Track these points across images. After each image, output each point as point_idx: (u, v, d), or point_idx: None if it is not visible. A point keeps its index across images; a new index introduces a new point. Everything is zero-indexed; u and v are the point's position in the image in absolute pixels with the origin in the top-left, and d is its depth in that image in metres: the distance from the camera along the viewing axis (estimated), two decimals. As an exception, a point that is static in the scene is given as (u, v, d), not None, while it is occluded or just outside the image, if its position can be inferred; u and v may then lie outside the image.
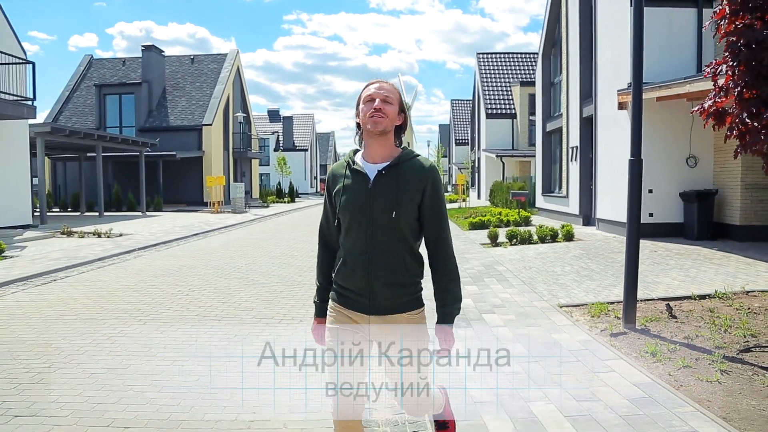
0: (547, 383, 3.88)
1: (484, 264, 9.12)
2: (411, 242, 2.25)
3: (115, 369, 4.46)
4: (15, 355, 4.85)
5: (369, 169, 2.27)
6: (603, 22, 13.60)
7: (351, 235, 2.26)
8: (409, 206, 2.20)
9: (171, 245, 13.42)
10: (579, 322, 5.49)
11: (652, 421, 3.23)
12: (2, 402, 3.78)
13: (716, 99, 4.19)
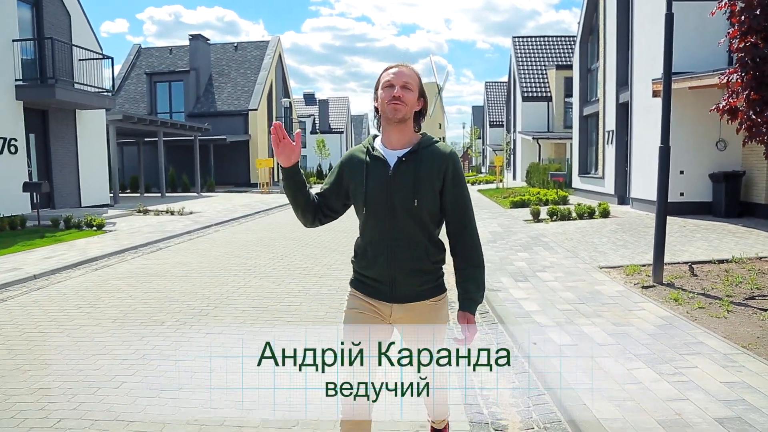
0: (593, 315, 5.15)
1: (530, 236, 10.35)
2: (432, 229, 2.23)
3: (257, 308, 5.88)
4: (177, 299, 6.32)
5: (389, 155, 2.24)
6: (639, 14, 14.50)
7: (371, 222, 2.23)
8: (431, 194, 2.18)
9: (241, 221, 14.95)
10: (616, 279, 6.71)
11: (671, 337, 4.48)
12: (199, 320, 5.23)
13: (729, 99, 5.33)
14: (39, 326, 5.40)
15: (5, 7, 13.80)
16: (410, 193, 2.14)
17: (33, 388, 3.86)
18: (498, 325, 5.12)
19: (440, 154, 2.21)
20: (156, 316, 5.66)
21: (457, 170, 2.22)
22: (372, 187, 2.19)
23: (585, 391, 3.45)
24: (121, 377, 3.99)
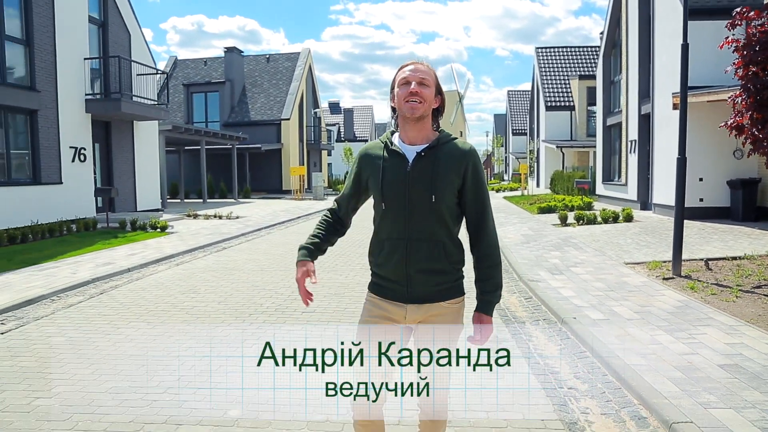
0: (620, 299, 6.16)
1: (560, 238, 11.34)
2: (451, 227, 2.19)
3: (337, 295, 6.98)
4: (264, 287, 7.46)
5: (407, 150, 2.20)
6: (659, 31, 15.44)
7: (388, 218, 2.20)
8: (449, 190, 2.15)
9: (287, 225, 16.13)
10: (640, 272, 7.70)
11: (686, 314, 5.47)
12: (293, 301, 6.34)
13: (736, 118, 6.30)
14: (158, 306, 6.55)
15: (79, 29, 15.16)
16: (428, 188, 2.12)
17: (204, 335, 5.00)
18: (541, 306, 6.16)
19: (460, 151, 2.18)
20: (254, 300, 6.78)
21: (477, 168, 2.19)
22: (389, 182, 2.17)
23: (617, 349, 4.48)
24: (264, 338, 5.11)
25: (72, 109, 14.91)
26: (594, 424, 3.37)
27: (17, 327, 5.77)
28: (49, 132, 14.12)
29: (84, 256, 9.98)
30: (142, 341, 5.25)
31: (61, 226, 12.78)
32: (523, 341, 4.97)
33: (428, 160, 2.16)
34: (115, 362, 4.58)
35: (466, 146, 2.21)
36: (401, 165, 2.17)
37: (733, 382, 3.78)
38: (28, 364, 4.60)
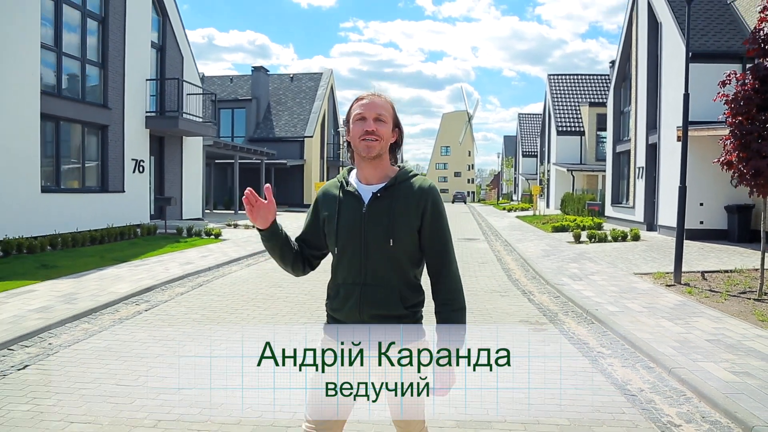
0: (631, 299, 7.66)
1: (576, 253, 12.85)
2: (408, 271, 2.10)
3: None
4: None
5: (363, 191, 2.12)
6: (666, 69, 17.05)
7: (343, 263, 2.12)
8: (408, 233, 2.06)
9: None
10: (646, 280, 9.20)
11: (683, 309, 6.98)
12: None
13: (726, 155, 7.83)
14: (257, 295, 8.08)
15: (143, 52, 16.88)
16: (385, 231, 2.04)
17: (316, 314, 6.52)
18: (568, 302, 7.68)
19: (418, 190, 2.10)
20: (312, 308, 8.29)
21: (436, 206, 2.10)
22: (344, 225, 2.09)
23: (630, 329, 5.98)
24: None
25: (135, 125, 16.58)
26: (617, 371, 4.88)
27: (150, 308, 7.30)
28: (116, 145, 15.77)
29: (163, 257, 11.52)
30: (261, 317, 6.77)
31: (130, 230, 14.36)
32: (558, 324, 6.49)
33: (385, 200, 2.08)
34: (254, 329, 6.11)
35: (426, 183, 2.13)
36: (356, 207, 2.09)
37: (715, 349, 5.28)
38: (187, 330, 6.14)
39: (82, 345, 5.51)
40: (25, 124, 12.26)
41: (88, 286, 8.18)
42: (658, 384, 4.54)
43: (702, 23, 16.28)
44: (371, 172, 2.12)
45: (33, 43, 12.47)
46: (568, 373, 4.76)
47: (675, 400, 4.21)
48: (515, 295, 8.29)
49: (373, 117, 2.07)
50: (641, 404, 4.11)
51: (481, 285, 9.12)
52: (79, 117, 14.35)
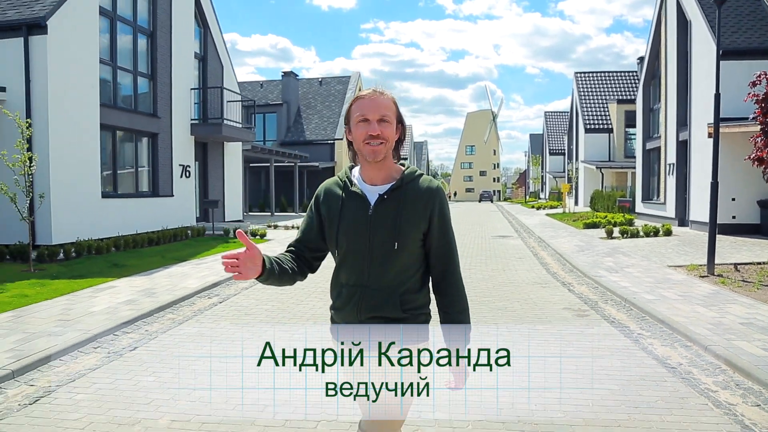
0: (666, 288, 8.15)
1: (609, 248, 13.29)
2: (412, 274, 2.07)
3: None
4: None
5: (368, 191, 2.05)
6: (696, 67, 17.33)
7: (346, 265, 2.09)
8: (414, 235, 2.02)
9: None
10: (680, 272, 9.65)
11: (717, 297, 7.45)
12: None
13: (757, 152, 8.27)
14: (317, 289, 8.75)
15: (188, 63, 17.76)
16: (391, 234, 1.99)
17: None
18: (607, 292, 8.20)
19: (426, 191, 2.05)
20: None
21: (443, 209, 2.07)
22: (349, 227, 2.04)
23: (667, 314, 6.49)
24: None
25: (181, 132, 17.45)
26: (657, 349, 5.41)
27: (222, 301, 8.02)
28: (165, 152, 16.64)
29: (217, 256, 12.28)
30: (324, 307, 7.43)
31: (182, 232, 15.20)
32: (599, 311, 7.03)
33: (391, 202, 2.02)
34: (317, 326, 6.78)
35: (433, 185, 2.08)
36: (362, 208, 2.03)
37: (748, 330, 5.78)
38: (263, 318, 6.83)
39: (176, 331, 6.24)
40: (87, 134, 13.15)
41: (160, 282, 8.95)
42: (695, 359, 5.07)
43: (732, 20, 16.53)
44: (376, 173, 2.07)
45: (93, 58, 13.37)
46: (613, 350, 5.33)
47: (711, 372, 4.74)
48: (555, 287, 8.83)
49: (376, 119, 1.99)
50: (681, 375, 4.66)
51: (521, 277, 9.67)
52: (132, 126, 15.25)
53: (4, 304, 7.25)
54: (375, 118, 1.99)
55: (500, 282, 9.18)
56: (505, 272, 10.25)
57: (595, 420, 3.75)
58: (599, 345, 5.57)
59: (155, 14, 16.12)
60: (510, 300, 7.77)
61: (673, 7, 19.26)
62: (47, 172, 11.69)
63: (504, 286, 8.85)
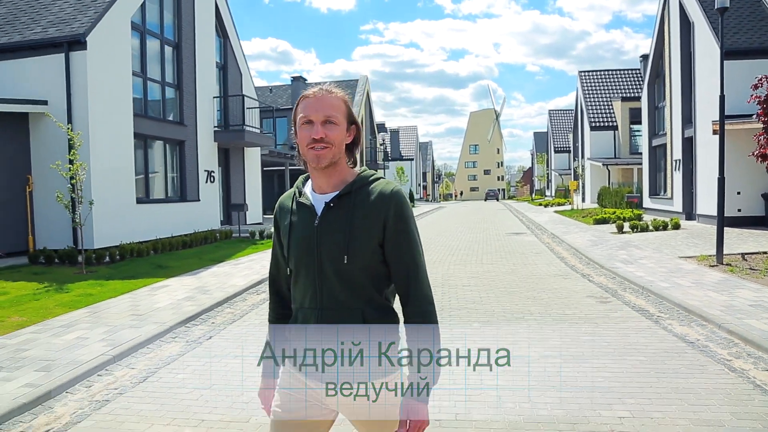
0: (679, 277, 8.81)
1: (621, 242, 13.95)
2: (372, 291, 1.83)
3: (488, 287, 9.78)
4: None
5: (316, 201, 1.87)
6: (699, 65, 17.99)
7: (299, 284, 1.88)
8: (367, 247, 1.79)
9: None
10: (691, 262, 10.31)
11: (726, 284, 8.11)
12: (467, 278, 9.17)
13: (760, 149, 8.94)
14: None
15: (210, 72, 18.49)
16: (340, 247, 1.78)
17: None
18: (624, 282, 8.87)
19: (380, 196, 1.82)
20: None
21: (401, 214, 1.81)
22: (296, 241, 1.85)
23: (683, 299, 7.16)
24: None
25: (206, 139, 18.17)
26: (676, 328, 6.08)
27: (268, 295, 8.70)
28: (191, 158, 17.36)
29: (252, 256, 12.99)
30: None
31: (211, 235, 15.92)
32: (620, 297, 7.70)
33: (340, 211, 1.83)
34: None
35: (388, 188, 1.85)
36: (309, 220, 1.86)
37: (756, 311, 6.45)
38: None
39: (241, 322, 6.93)
40: (123, 143, 13.88)
41: (208, 281, 9.65)
42: (710, 335, 5.75)
43: (733, 21, 17.17)
44: (325, 180, 1.87)
45: (126, 70, 14.10)
46: (637, 330, 6.01)
47: (725, 345, 5.42)
48: (576, 278, 9.50)
49: (321, 120, 1.79)
50: (699, 347, 5.34)
51: (542, 270, 10.35)
52: (161, 134, 15.97)
53: (76, 301, 7.96)
54: (319, 119, 1.80)
55: (524, 275, 9.85)
56: (527, 266, 10.92)
57: (630, 383, 4.42)
58: (624, 325, 6.24)
59: (180, 27, 16.84)
60: (536, 290, 8.45)
61: (676, 9, 19.92)
62: (89, 181, 12.40)
63: (528, 278, 9.53)
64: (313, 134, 1.79)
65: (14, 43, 13.19)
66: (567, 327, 6.16)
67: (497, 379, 4.49)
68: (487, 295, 8.17)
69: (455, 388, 4.37)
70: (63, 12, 13.70)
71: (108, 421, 4.08)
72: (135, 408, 4.32)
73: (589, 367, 4.78)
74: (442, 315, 6.83)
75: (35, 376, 4.83)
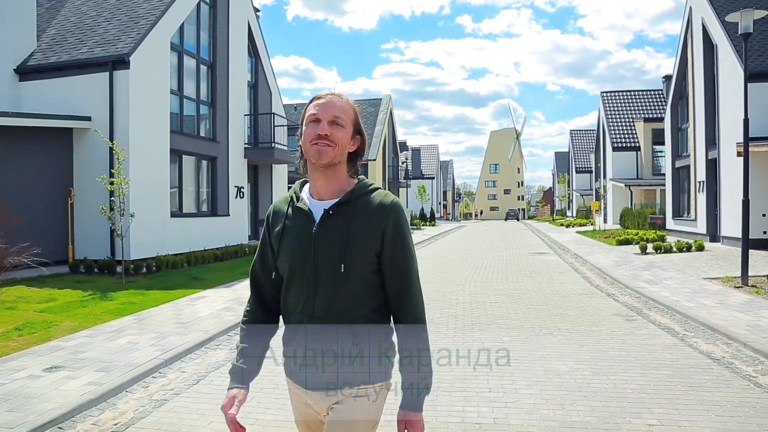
0: (704, 297, 8.97)
1: (645, 263, 14.08)
2: (365, 302, 1.82)
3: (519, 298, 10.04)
4: (446, 292, 10.58)
5: (314, 207, 1.86)
6: (723, 87, 18.13)
7: (291, 291, 1.87)
8: (364, 256, 1.78)
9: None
10: (716, 283, 10.45)
11: (752, 305, 8.26)
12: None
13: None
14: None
15: (241, 91, 19.08)
16: (337, 255, 1.76)
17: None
18: (649, 301, 9.05)
19: (379, 206, 1.81)
20: (446, 292, 9.89)
21: (399, 227, 1.82)
22: (292, 246, 1.83)
23: (708, 318, 7.34)
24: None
25: (236, 156, 18.70)
26: (701, 346, 6.28)
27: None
28: (222, 174, 17.88)
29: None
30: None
31: (241, 249, 16.35)
32: (645, 316, 7.90)
33: (339, 218, 1.81)
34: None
35: (388, 199, 1.85)
36: (306, 226, 1.84)
37: (781, 331, 6.62)
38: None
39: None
40: (160, 159, 14.42)
41: (244, 293, 10.01)
42: (736, 353, 5.94)
43: (757, 44, 17.31)
44: (324, 184, 1.85)
45: (165, 88, 14.69)
46: (663, 347, 6.22)
47: (751, 362, 5.61)
48: (601, 297, 9.70)
49: (328, 119, 1.81)
50: (725, 364, 5.54)
51: (568, 289, 10.55)
52: (195, 150, 16.51)
53: (121, 309, 8.38)
54: (327, 118, 1.82)
55: (550, 293, 10.07)
56: (552, 285, 11.13)
57: (658, 395, 4.65)
58: (650, 342, 6.45)
59: (215, 47, 17.47)
60: (563, 308, 8.67)
61: (699, 31, 20.12)
62: (128, 194, 12.90)
63: (554, 296, 9.75)
64: (319, 130, 1.80)
65: (62, 62, 13.87)
66: (594, 342, 6.39)
67: (530, 388, 4.76)
68: (515, 311, 8.42)
69: (493, 394, 4.65)
70: (108, 33, 14.35)
71: (169, 418, 4.42)
72: (192, 407, 4.65)
73: (617, 380, 5.02)
74: (473, 329, 7.11)
75: (96, 376, 5.20)
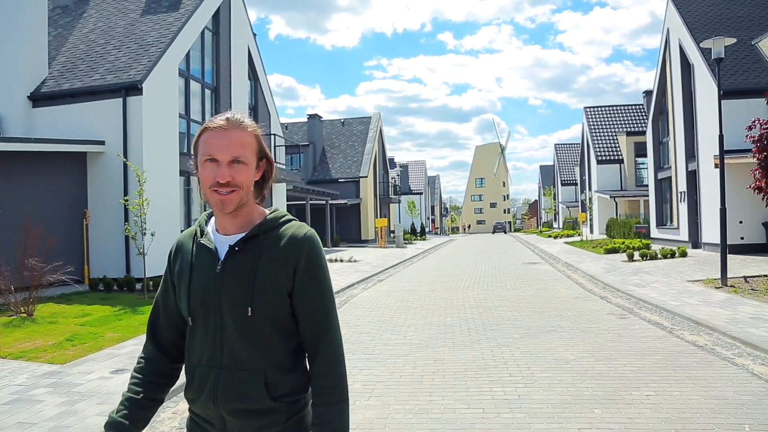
0: (687, 297, 9.83)
1: (633, 269, 14.99)
2: (278, 349, 1.61)
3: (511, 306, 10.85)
4: (449, 304, 11.37)
5: (219, 242, 1.65)
6: (701, 104, 19.26)
7: (197, 338, 1.64)
8: (274, 297, 1.57)
9: (405, 264, 20.11)
10: (698, 285, 11.34)
11: (730, 301, 9.13)
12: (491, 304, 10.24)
13: (756, 182, 10.07)
14: (399, 305, 10.48)
15: (243, 113, 19.82)
16: (243, 296, 1.56)
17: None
18: (639, 301, 9.91)
19: (289, 240, 1.61)
20: (454, 297, 10.66)
21: (312, 262, 1.60)
22: (195, 289, 1.61)
23: (692, 314, 8.19)
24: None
25: (239, 176, 19.43)
26: (687, 336, 7.12)
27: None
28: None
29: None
30: (442, 294, 9.15)
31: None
32: (637, 315, 8.74)
33: (245, 255, 1.60)
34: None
35: (300, 232, 1.62)
36: (210, 264, 1.62)
37: (756, 322, 7.48)
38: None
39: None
40: (170, 180, 15.11)
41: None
42: (716, 341, 6.78)
43: (730, 63, 18.46)
44: (229, 220, 1.65)
45: (174, 112, 15.44)
46: (654, 338, 7.04)
47: (729, 348, 6.45)
48: (595, 300, 10.53)
49: (227, 161, 1.55)
50: (707, 350, 6.37)
51: (564, 294, 11.38)
52: (201, 171, 17.21)
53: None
54: (226, 159, 1.55)
55: (548, 298, 10.89)
56: (548, 291, 11.96)
57: (653, 373, 5.46)
58: (643, 335, 7.27)
59: (218, 72, 18.27)
60: (561, 310, 9.49)
61: (677, 52, 21.32)
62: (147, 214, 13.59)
63: (552, 300, 10.57)
64: (218, 177, 1.54)
65: (75, 89, 14.57)
66: (594, 336, 7.20)
67: (544, 372, 5.55)
68: (519, 313, 9.21)
69: (514, 378, 5.43)
70: (119, 60, 15.10)
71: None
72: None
73: (617, 364, 5.82)
74: (485, 329, 7.89)
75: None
